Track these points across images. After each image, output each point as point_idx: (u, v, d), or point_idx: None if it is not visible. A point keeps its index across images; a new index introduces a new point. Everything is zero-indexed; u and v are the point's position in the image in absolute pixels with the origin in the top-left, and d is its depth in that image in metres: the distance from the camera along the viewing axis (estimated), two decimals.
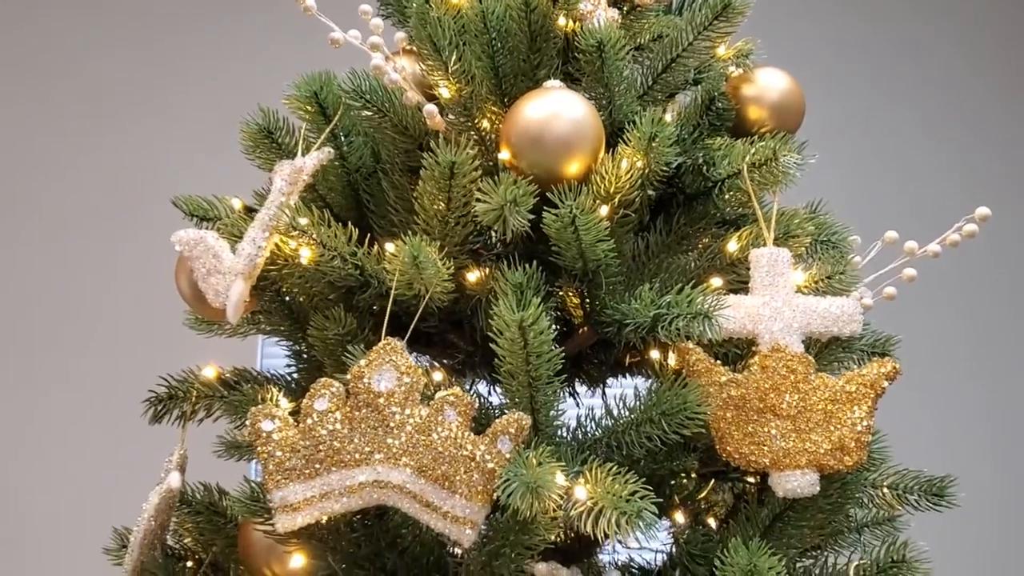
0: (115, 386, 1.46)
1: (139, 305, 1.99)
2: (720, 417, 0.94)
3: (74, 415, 2.13)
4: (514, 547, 0.87)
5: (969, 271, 2.62)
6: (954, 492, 1.10)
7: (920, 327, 2.60)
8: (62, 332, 2.23)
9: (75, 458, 2.09)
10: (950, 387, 2.65)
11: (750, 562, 0.85)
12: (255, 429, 0.91)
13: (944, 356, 2.62)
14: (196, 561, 1.10)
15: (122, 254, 2.27)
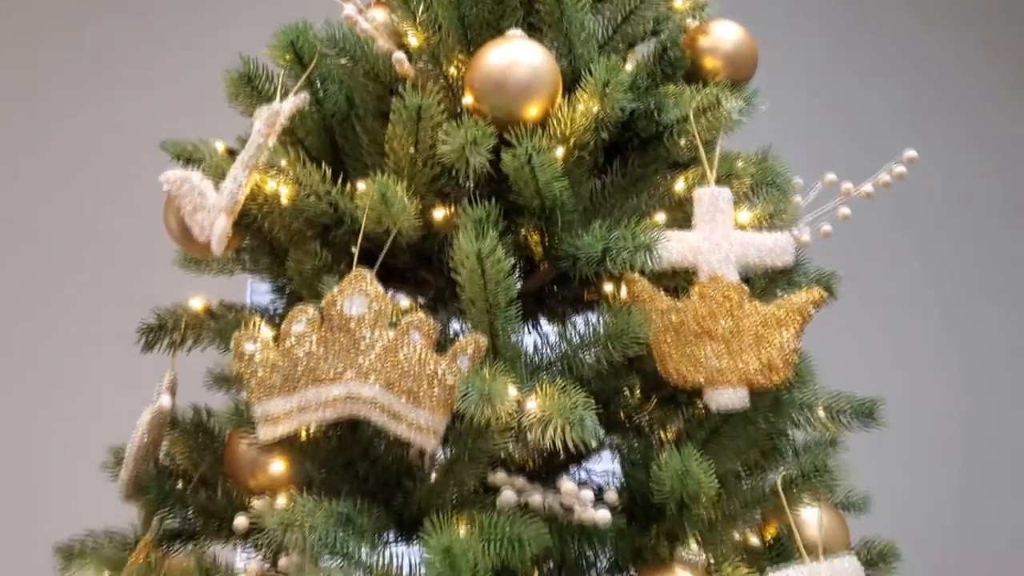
0: (110, 320, 1.55)
1: (131, 246, 2.07)
2: (661, 340, 1.03)
3: (69, 349, 2.23)
4: (472, 453, 0.97)
5: (922, 208, 2.73)
6: (882, 413, 1.20)
7: (880, 260, 2.72)
8: (64, 270, 2.32)
9: (72, 386, 2.20)
10: (905, 315, 2.76)
11: (683, 467, 0.95)
12: (239, 351, 1.00)
13: (898, 286, 2.74)
14: (186, 477, 1.19)
15: (115, 198, 2.35)
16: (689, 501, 0.97)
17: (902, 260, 2.78)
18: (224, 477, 1.18)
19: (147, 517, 1.20)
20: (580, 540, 1.01)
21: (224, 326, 1.19)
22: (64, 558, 1.26)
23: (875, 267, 2.67)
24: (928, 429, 2.64)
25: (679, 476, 0.95)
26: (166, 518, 1.19)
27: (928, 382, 2.72)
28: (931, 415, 2.68)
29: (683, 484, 0.96)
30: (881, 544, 1.20)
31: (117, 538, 1.26)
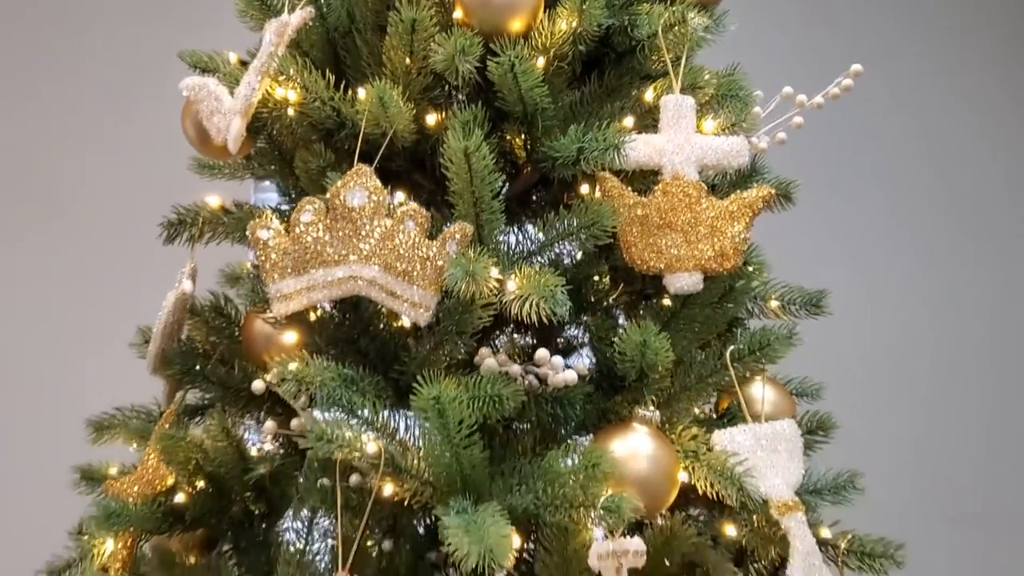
0: (135, 218, 1.67)
1: (150, 152, 2.17)
2: (628, 231, 1.16)
3: (97, 245, 2.36)
4: (459, 326, 1.11)
5: (878, 115, 2.85)
6: (827, 304, 1.34)
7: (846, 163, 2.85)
8: (95, 174, 2.44)
9: (97, 278, 2.33)
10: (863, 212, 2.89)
11: (643, 339, 1.09)
12: (254, 237, 1.13)
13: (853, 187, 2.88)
14: (206, 355, 1.33)
15: (135, 108, 2.45)
16: (648, 370, 1.12)
17: (860, 166, 2.91)
18: (240, 356, 1.32)
19: (171, 391, 1.35)
20: (552, 404, 1.16)
21: (237, 220, 1.32)
22: (95, 430, 1.41)
23: (835, 174, 2.80)
24: (882, 321, 2.80)
25: (639, 347, 1.09)
26: (188, 391, 1.34)
27: (883, 277, 2.86)
28: (886, 308, 2.83)
29: (643, 354, 1.10)
30: (820, 416, 1.35)
31: (143, 412, 1.41)
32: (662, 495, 1.09)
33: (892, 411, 2.76)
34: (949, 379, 2.86)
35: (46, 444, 1.87)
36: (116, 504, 1.16)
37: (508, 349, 1.32)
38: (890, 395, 2.78)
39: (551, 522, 1.04)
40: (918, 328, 2.86)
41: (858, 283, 2.73)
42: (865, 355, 2.74)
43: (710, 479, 1.09)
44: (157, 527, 1.21)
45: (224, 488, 1.24)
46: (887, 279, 2.88)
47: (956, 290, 2.92)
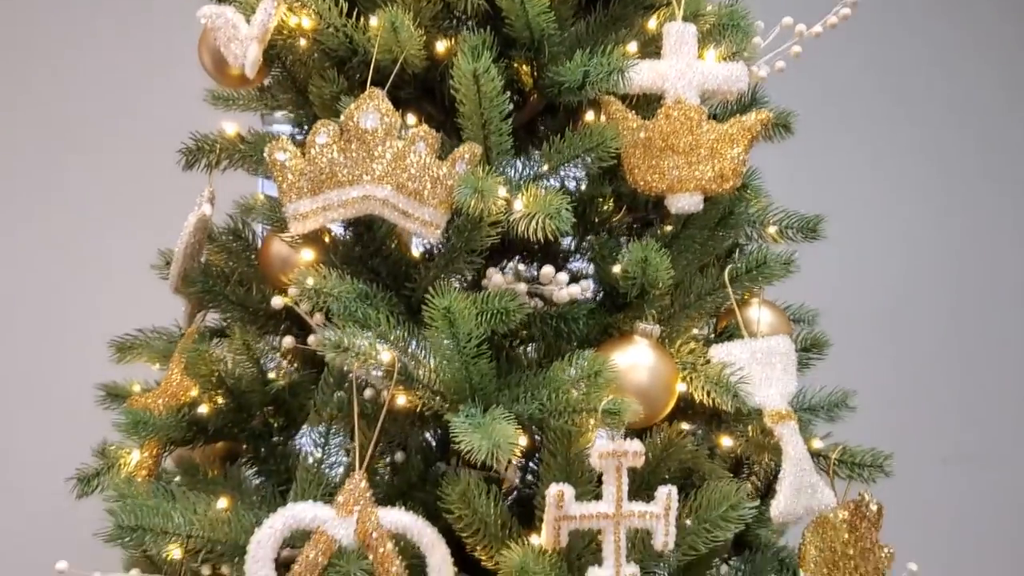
0: (152, 145, 1.72)
1: (166, 85, 2.19)
2: (631, 154, 1.21)
3: (118, 170, 2.41)
4: (468, 244, 1.16)
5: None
6: (824, 228, 1.39)
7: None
8: (114, 105, 2.48)
9: (118, 202, 2.38)
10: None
11: (644, 255, 1.14)
12: (272, 159, 1.18)
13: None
14: (225, 278, 1.39)
15: (150, 42, 2.48)
16: (649, 287, 1.17)
17: (860, 98, 2.93)
18: (258, 279, 1.37)
19: (192, 311, 1.41)
20: (557, 321, 1.21)
21: (252, 147, 1.36)
22: (118, 351, 1.47)
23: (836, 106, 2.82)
24: (878, 261, 2.85)
25: (640, 263, 1.14)
26: (208, 313, 1.40)
27: (883, 214, 2.90)
28: (883, 248, 2.87)
29: (643, 271, 1.15)
30: (814, 334, 1.41)
31: (165, 334, 1.47)
32: (661, 404, 1.15)
33: (884, 351, 2.81)
34: (944, 318, 2.91)
35: (71, 366, 1.93)
36: (142, 413, 1.23)
37: (515, 274, 1.37)
38: (883, 335, 2.82)
39: (555, 427, 1.10)
40: (915, 268, 2.90)
41: (856, 222, 2.77)
42: (859, 294, 2.78)
43: (707, 388, 1.15)
44: (181, 437, 1.27)
45: (244, 402, 1.31)
46: (887, 216, 2.91)
47: (954, 233, 2.95)
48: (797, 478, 1.15)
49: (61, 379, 2.16)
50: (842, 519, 1.24)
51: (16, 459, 2.27)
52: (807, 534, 1.23)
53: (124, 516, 1.07)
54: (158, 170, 1.54)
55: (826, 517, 1.23)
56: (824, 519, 1.23)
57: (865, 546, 1.26)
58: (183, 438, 1.30)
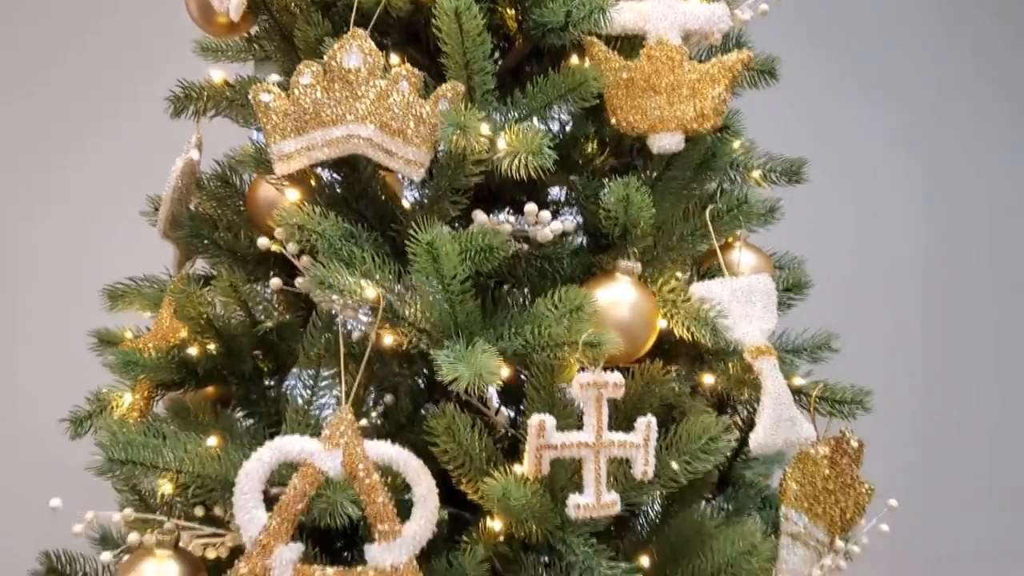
0: (140, 91, 1.73)
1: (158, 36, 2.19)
2: (614, 95, 1.22)
3: (107, 116, 2.40)
4: (452, 183, 1.17)
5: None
6: (806, 172, 1.40)
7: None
8: (102, 54, 2.47)
9: (108, 142, 2.39)
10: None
11: (625, 194, 1.15)
12: (256, 100, 1.18)
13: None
14: (213, 224, 1.40)
15: None
16: (630, 226, 1.18)
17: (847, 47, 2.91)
18: (246, 225, 1.38)
19: (181, 257, 1.42)
20: (541, 261, 1.23)
21: (238, 94, 1.37)
22: (110, 299, 1.49)
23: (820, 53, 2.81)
24: (875, 223, 2.85)
25: (621, 202, 1.16)
26: (197, 259, 1.41)
27: (877, 173, 2.89)
28: (878, 211, 2.87)
29: (625, 210, 1.16)
30: (796, 274, 1.42)
31: (155, 282, 1.49)
32: (642, 340, 1.17)
33: (882, 316, 2.82)
34: (941, 283, 2.91)
35: (61, 314, 1.95)
36: (134, 353, 1.24)
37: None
38: (880, 300, 2.83)
39: (538, 361, 1.12)
40: (912, 230, 2.90)
41: (844, 169, 2.76)
42: (855, 258, 2.78)
43: (686, 324, 1.17)
44: (172, 378, 1.29)
45: (233, 345, 1.32)
46: (876, 164, 2.89)
47: (951, 194, 2.95)
48: (776, 411, 1.17)
49: (52, 328, 2.19)
50: (823, 455, 1.26)
51: (11, 405, 2.29)
52: (788, 469, 1.25)
53: (115, 450, 1.09)
54: (146, 118, 1.55)
55: (807, 453, 1.26)
56: (805, 455, 1.25)
57: (846, 481, 1.28)
58: (174, 381, 1.32)
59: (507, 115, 1.23)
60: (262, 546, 1.05)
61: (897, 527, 1.34)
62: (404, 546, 1.07)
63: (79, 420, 1.33)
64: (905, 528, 2.49)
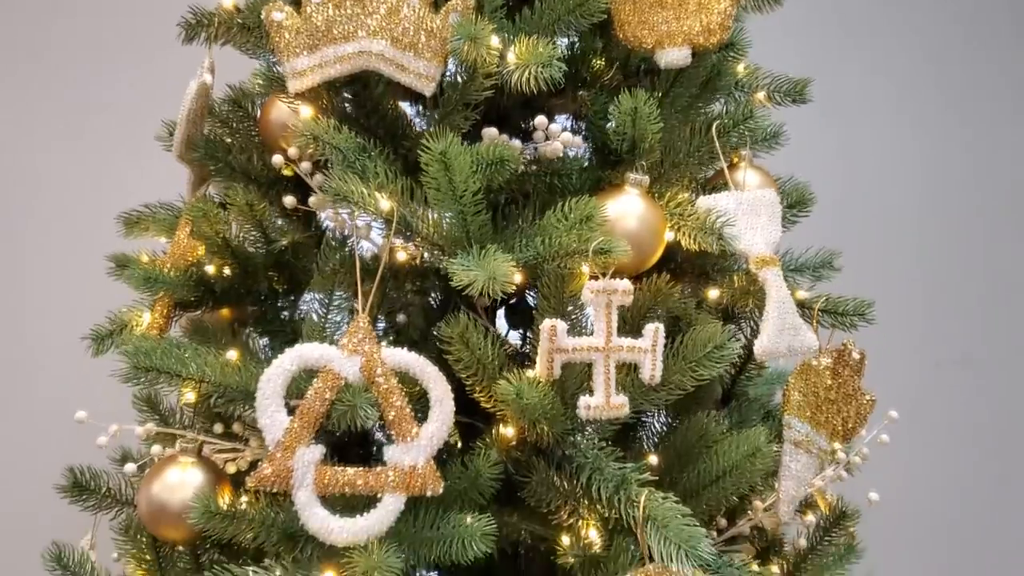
0: (152, 19, 1.74)
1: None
2: (621, 10, 1.23)
3: (122, 44, 2.41)
4: (463, 96, 1.19)
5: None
6: (809, 91, 1.42)
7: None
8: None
9: (126, 74, 2.40)
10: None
11: (633, 106, 1.18)
12: (269, 19, 1.20)
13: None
14: (226, 147, 1.42)
15: None
16: (639, 140, 1.21)
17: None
18: (259, 149, 1.41)
19: (196, 180, 1.44)
20: (551, 177, 1.25)
21: (249, 17, 1.38)
22: (126, 225, 1.52)
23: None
24: (868, 163, 2.86)
25: (630, 114, 1.18)
26: (211, 182, 1.44)
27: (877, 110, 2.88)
28: (871, 152, 2.87)
29: (633, 122, 1.19)
30: (799, 192, 1.45)
31: (170, 208, 1.51)
32: (650, 251, 1.20)
33: (879, 255, 2.82)
34: (938, 221, 2.92)
35: (78, 238, 1.97)
36: (153, 270, 1.27)
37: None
38: (877, 239, 2.84)
39: (549, 271, 1.15)
40: (907, 170, 2.90)
41: (850, 96, 2.75)
42: (848, 197, 2.78)
43: (693, 234, 1.19)
44: (189, 297, 1.32)
45: (249, 265, 1.35)
46: (884, 93, 2.87)
47: (947, 133, 2.94)
48: (780, 318, 1.21)
49: (67, 256, 2.22)
50: (825, 365, 1.30)
51: (31, 330, 2.32)
52: (791, 379, 1.29)
53: (140, 358, 1.13)
54: (158, 45, 1.56)
55: (809, 363, 1.29)
56: (808, 365, 1.29)
57: (847, 391, 1.32)
58: (191, 301, 1.36)
59: (515, 32, 1.25)
60: (285, 447, 1.09)
61: (898, 463, 1.36)
62: (422, 447, 1.11)
63: (100, 337, 1.36)
64: (906, 464, 2.53)
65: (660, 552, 1.05)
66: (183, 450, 1.21)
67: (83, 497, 1.38)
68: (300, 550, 1.14)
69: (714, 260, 1.38)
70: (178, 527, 1.19)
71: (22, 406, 2.27)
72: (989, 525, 2.83)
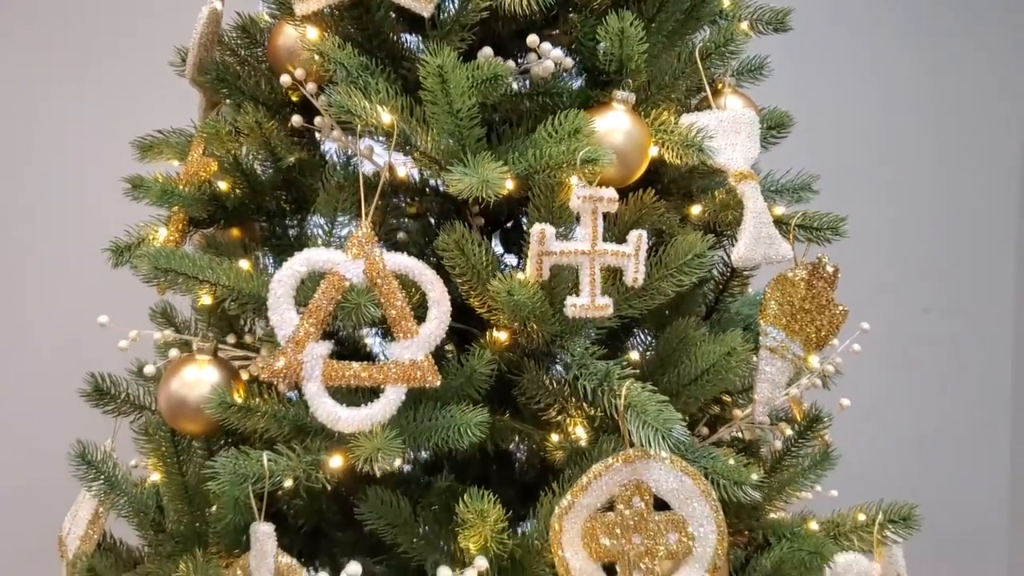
0: None
1: None
2: None
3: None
4: (460, 16, 1.26)
5: None
6: (790, 20, 1.49)
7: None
8: None
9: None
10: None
11: (620, 27, 1.25)
12: None
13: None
14: (236, 72, 1.49)
15: None
16: (626, 60, 1.28)
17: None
18: (267, 75, 1.48)
19: (207, 104, 1.52)
20: (542, 97, 1.33)
21: None
22: (140, 150, 1.59)
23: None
24: (860, 111, 2.90)
25: (617, 35, 1.25)
26: (221, 106, 1.52)
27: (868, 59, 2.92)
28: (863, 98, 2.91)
29: (620, 44, 1.26)
30: (779, 115, 1.52)
31: (183, 133, 1.59)
32: (635, 165, 1.27)
33: (866, 202, 2.85)
34: (926, 170, 2.95)
35: (92, 158, 2.05)
36: (169, 184, 1.36)
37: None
38: (864, 185, 2.87)
39: (540, 182, 1.22)
40: (901, 118, 2.94)
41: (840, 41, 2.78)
42: (838, 145, 2.81)
43: (676, 149, 1.27)
44: (203, 212, 1.41)
45: (257, 184, 1.44)
46: (874, 38, 2.89)
47: (941, 83, 2.97)
48: (757, 228, 1.29)
49: (82, 181, 2.30)
50: (800, 277, 1.38)
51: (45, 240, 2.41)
52: (767, 290, 1.37)
53: (160, 259, 1.21)
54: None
55: (785, 275, 1.37)
56: (784, 277, 1.37)
57: (821, 303, 1.40)
58: (204, 218, 1.44)
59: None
60: (295, 343, 1.18)
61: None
62: (421, 344, 1.20)
63: (119, 250, 1.44)
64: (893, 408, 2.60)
65: (639, 437, 1.15)
66: (199, 349, 1.30)
67: (104, 401, 1.47)
68: (310, 441, 1.23)
69: (698, 181, 1.46)
70: (196, 420, 1.28)
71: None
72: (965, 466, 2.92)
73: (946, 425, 2.89)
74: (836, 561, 1.30)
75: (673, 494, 1.18)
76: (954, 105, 2.94)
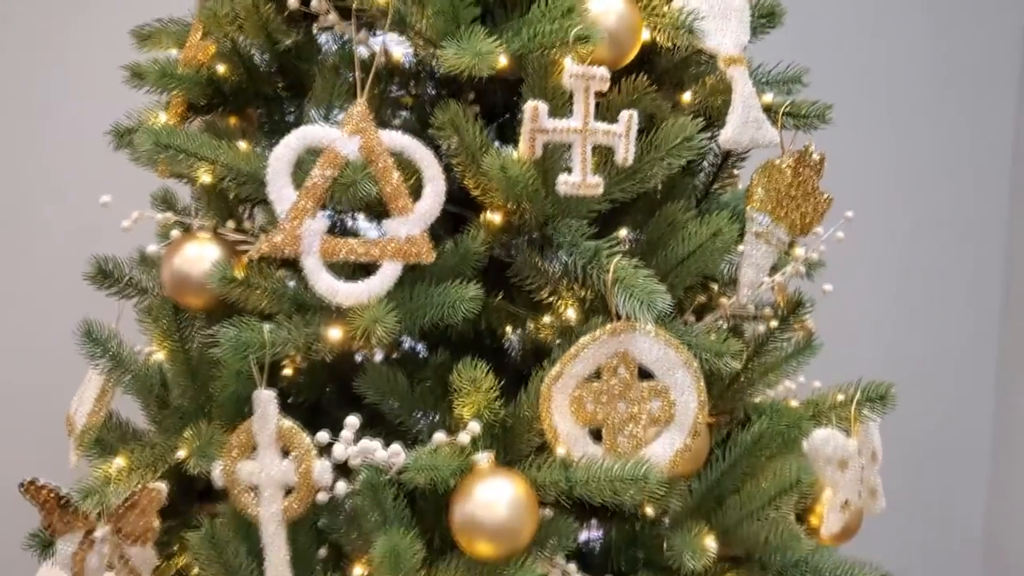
0: None
1: None
2: None
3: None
4: None
5: None
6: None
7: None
8: None
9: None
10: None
11: None
12: None
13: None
14: None
15: None
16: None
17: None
18: None
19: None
20: None
21: None
22: (139, 39, 1.61)
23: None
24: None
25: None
26: None
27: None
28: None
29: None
30: (770, 4, 1.53)
31: (181, 22, 1.59)
32: (627, 46, 1.29)
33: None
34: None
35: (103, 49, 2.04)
36: (169, 66, 1.38)
37: None
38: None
39: (533, 61, 1.24)
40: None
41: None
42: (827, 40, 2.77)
43: (667, 31, 1.29)
44: (201, 96, 1.43)
45: (255, 70, 1.45)
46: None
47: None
48: (744, 111, 1.31)
49: (87, 59, 2.29)
50: (787, 164, 1.41)
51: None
52: (754, 176, 1.41)
53: (161, 136, 1.24)
54: None
55: (773, 162, 1.41)
56: (771, 163, 1.40)
57: (807, 190, 1.43)
58: (203, 103, 1.46)
59: None
60: (293, 218, 1.22)
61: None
62: (417, 220, 1.24)
63: (120, 133, 1.47)
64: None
65: (626, 309, 1.19)
66: (200, 227, 1.34)
67: (108, 283, 1.51)
68: (310, 316, 1.28)
69: (690, 71, 1.48)
70: (198, 294, 1.32)
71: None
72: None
73: (934, 315, 2.89)
74: (814, 435, 1.36)
75: (657, 364, 1.23)
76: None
